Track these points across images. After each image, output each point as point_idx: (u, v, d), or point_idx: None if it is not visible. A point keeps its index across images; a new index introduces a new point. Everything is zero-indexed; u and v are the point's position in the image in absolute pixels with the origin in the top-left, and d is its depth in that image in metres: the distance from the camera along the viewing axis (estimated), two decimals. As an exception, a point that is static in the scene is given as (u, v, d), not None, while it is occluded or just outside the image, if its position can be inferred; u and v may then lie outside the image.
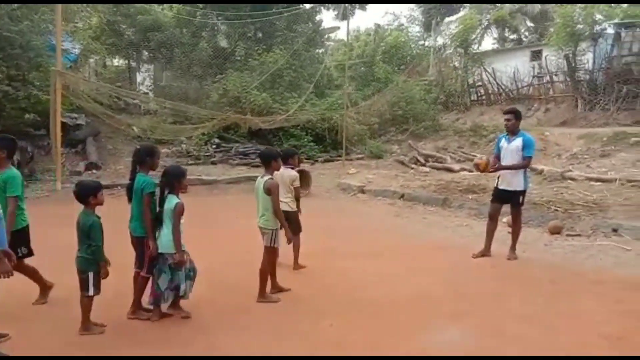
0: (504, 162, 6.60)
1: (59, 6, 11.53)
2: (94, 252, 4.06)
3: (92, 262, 4.07)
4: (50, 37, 14.03)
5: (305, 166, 13.90)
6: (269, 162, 4.97)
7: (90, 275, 4.07)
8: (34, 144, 13.83)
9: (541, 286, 5.49)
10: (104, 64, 21.56)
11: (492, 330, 4.27)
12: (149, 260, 4.39)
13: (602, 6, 20.03)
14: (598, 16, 20.09)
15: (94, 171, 14.00)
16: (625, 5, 20.48)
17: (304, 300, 4.97)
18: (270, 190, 4.78)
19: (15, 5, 13.57)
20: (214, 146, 17.06)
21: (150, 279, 4.46)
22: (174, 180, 4.43)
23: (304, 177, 12.54)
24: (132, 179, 4.47)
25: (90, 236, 4.03)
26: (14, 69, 12.94)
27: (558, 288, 5.42)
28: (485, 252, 6.70)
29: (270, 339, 4.09)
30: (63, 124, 13.12)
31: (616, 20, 19.93)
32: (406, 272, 6.03)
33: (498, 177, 6.73)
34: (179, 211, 4.32)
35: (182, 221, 4.36)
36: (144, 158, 4.49)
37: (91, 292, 4.07)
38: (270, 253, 4.94)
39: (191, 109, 16.29)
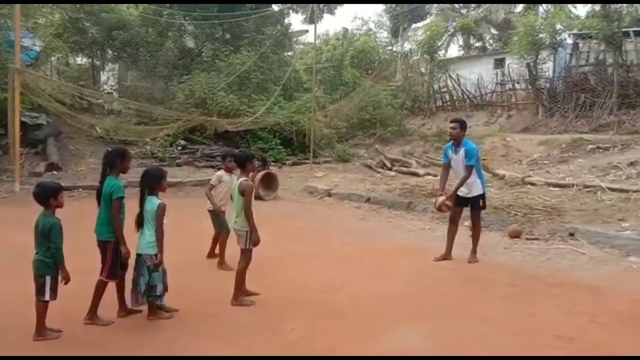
0: (456, 173, 6.79)
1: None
2: (53, 255, 3.95)
3: (50, 266, 3.96)
4: (9, 33, 13.63)
5: (272, 169, 13.88)
6: (244, 164, 4.96)
7: (47, 279, 3.96)
8: (-9, 144, 13.39)
9: (500, 288, 5.64)
10: (67, 62, 21.01)
11: (453, 332, 4.36)
12: (112, 265, 4.31)
13: (562, 17, 20.74)
14: (558, 26, 20.79)
15: (55, 172, 13.61)
16: (583, 16, 21.27)
17: (265, 304, 4.95)
18: (245, 192, 4.77)
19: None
20: (179, 148, 16.82)
21: (132, 280, 4.42)
22: (154, 182, 4.44)
23: (271, 180, 12.53)
24: (102, 182, 4.40)
25: (50, 238, 3.92)
26: (-31, 66, 12.51)
27: (516, 290, 5.57)
28: (447, 256, 6.83)
29: (230, 343, 4.07)
30: (23, 124, 12.74)
31: (575, 31, 20.66)
32: (368, 275, 6.10)
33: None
34: (161, 212, 4.34)
35: (164, 222, 4.36)
36: (115, 161, 4.42)
37: (47, 297, 3.95)
38: (247, 255, 4.91)
39: (156, 109, 16.05)
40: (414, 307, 4.97)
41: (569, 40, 21.32)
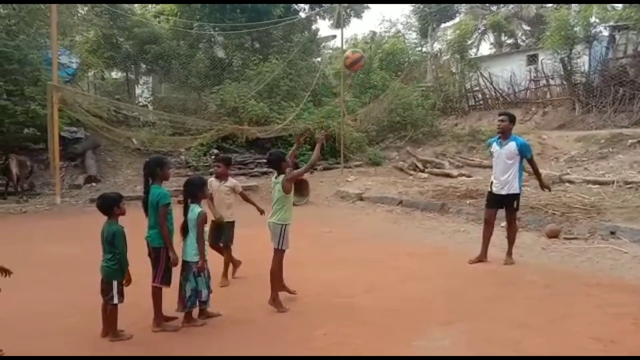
0: (495, 168, 6.63)
1: (54, 20, 11.65)
2: (118, 261, 4.17)
3: (116, 271, 4.19)
4: (47, 52, 14.16)
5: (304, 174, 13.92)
6: (279, 164, 5.04)
7: (114, 283, 4.19)
8: (33, 158, 13.91)
9: (536, 290, 5.49)
10: (102, 77, 21.68)
11: (485, 336, 4.26)
12: (165, 270, 4.41)
13: (596, 9, 20.15)
14: (592, 19, 20.19)
15: (94, 184, 14.05)
16: (619, 7, 20.60)
17: (296, 309, 4.96)
18: (285, 189, 4.88)
19: (12, 20, 13.71)
20: (212, 156, 17.09)
21: (179, 285, 4.54)
22: (197, 190, 4.62)
23: (303, 185, 12.58)
24: (146, 191, 4.50)
25: (114, 244, 4.14)
26: (12, 84, 13.05)
27: (553, 292, 5.42)
28: (482, 258, 6.70)
29: (262, 348, 4.08)
30: (62, 138, 13.23)
31: (611, 23, 20.03)
32: (401, 279, 6.04)
33: (491, 183, 6.75)
34: (202, 220, 4.49)
35: (205, 229, 4.51)
36: (155, 169, 4.52)
37: (115, 301, 4.17)
38: (277, 256, 4.96)
39: (189, 119, 16.37)
40: (447, 311, 4.89)
41: (605, 33, 20.67)
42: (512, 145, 6.50)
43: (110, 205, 4.27)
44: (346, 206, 12.10)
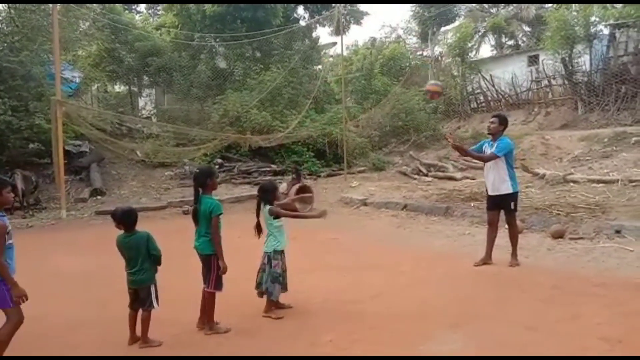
0: (487, 170, 6.69)
1: (56, 35, 11.76)
2: (155, 260, 4.32)
3: (153, 273, 4.32)
4: (50, 67, 14.29)
5: (307, 181, 13.95)
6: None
7: (152, 288, 4.30)
8: (39, 173, 14.00)
9: (543, 291, 5.47)
10: (105, 90, 21.84)
11: (494, 339, 4.25)
12: (217, 276, 4.55)
13: (596, 7, 20.14)
14: (593, 18, 20.19)
15: (99, 197, 14.11)
16: (619, 5, 20.58)
17: (301, 317, 4.96)
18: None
19: (15, 37, 13.85)
20: (216, 166, 17.14)
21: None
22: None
23: (306, 192, 12.57)
24: (196, 202, 4.63)
25: (150, 248, 4.28)
26: (16, 100, 13.16)
27: (560, 292, 5.40)
28: (487, 260, 6.69)
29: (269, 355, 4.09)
30: (67, 152, 13.30)
31: (611, 21, 20.02)
32: (407, 283, 6.04)
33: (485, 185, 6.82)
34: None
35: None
36: (205, 180, 4.65)
37: (156, 304, 4.30)
38: None
39: (193, 130, 16.45)
40: (454, 314, 4.88)
41: (605, 31, 20.65)
42: (496, 143, 6.55)
43: (136, 218, 4.42)
44: (350, 212, 12.09)
